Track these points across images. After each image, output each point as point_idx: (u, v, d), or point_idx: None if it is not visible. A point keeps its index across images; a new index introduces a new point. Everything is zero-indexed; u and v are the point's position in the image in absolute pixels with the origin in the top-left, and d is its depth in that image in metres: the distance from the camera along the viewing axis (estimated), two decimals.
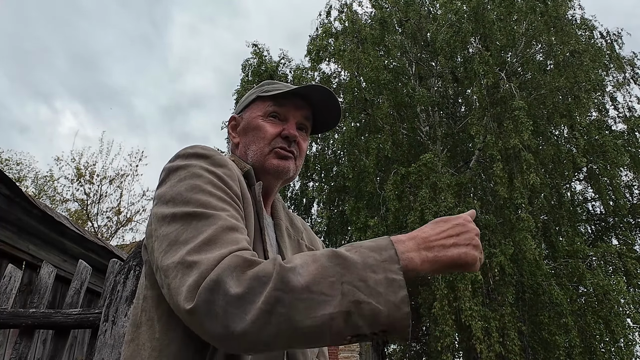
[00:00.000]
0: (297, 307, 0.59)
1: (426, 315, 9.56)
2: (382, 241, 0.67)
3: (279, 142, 0.98)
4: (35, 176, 17.20)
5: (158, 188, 0.84)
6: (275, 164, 0.97)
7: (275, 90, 1.01)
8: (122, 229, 16.81)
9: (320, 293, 0.60)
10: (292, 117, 1.00)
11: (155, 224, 0.78)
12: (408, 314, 0.62)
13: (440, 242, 0.69)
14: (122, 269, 2.06)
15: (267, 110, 1.00)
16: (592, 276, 8.32)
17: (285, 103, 1.00)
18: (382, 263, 0.64)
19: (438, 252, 0.68)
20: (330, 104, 1.02)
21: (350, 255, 0.64)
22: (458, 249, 0.69)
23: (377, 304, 0.61)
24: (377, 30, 11.75)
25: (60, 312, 2.10)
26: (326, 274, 0.62)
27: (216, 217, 0.73)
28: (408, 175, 9.44)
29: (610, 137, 9.94)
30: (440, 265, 0.68)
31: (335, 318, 0.60)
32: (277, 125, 0.99)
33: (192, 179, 0.79)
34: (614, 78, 11.99)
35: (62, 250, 3.98)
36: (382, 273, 0.63)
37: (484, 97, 9.84)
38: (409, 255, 0.66)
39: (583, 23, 12.11)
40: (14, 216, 3.40)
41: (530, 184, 8.45)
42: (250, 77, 13.11)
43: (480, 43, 10.68)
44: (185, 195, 0.76)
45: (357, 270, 0.62)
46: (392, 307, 0.61)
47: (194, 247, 0.68)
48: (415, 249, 0.67)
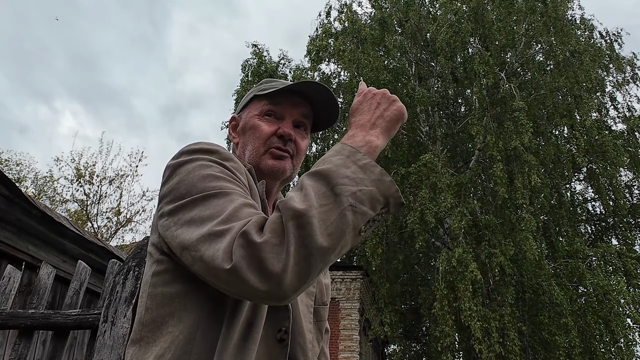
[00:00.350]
0: (313, 223, 0.65)
1: (426, 315, 9.56)
2: (337, 147, 0.77)
3: (275, 141, 0.96)
4: (35, 177, 17.21)
5: (163, 186, 0.82)
6: (271, 165, 0.95)
7: (271, 89, 0.99)
8: (122, 229, 16.82)
9: (321, 205, 0.67)
10: (288, 116, 0.99)
11: (172, 217, 0.76)
12: (392, 181, 0.72)
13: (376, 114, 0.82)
14: (122, 270, 2.06)
15: (262, 109, 0.99)
16: (592, 276, 8.32)
17: (281, 101, 0.99)
18: (347, 159, 0.73)
19: (381, 123, 0.81)
20: (329, 101, 1.00)
21: (323, 167, 0.72)
22: (389, 110, 0.82)
23: (366, 187, 0.70)
24: (377, 31, 11.76)
25: (60, 313, 2.10)
26: (316, 190, 0.69)
27: (235, 194, 0.75)
28: (408, 176, 9.44)
29: (610, 137, 9.94)
30: (390, 129, 0.81)
31: (345, 214, 0.67)
32: (273, 124, 0.97)
33: (203, 169, 0.79)
34: (613, 78, 12.00)
35: (62, 251, 3.98)
36: (353, 165, 0.72)
37: (484, 98, 9.84)
38: (366, 139, 0.77)
39: (583, 23, 12.12)
40: (13, 217, 3.39)
41: (532, 185, 8.45)
42: (250, 78, 13.12)
43: (480, 43, 10.69)
44: (199, 186, 0.76)
45: (335, 174, 0.70)
46: (377, 182, 0.71)
47: (221, 219, 0.70)
48: (366, 134, 0.79)
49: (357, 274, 10.83)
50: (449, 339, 8.04)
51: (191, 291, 0.77)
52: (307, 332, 0.90)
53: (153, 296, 0.80)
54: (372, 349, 12.82)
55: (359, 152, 0.74)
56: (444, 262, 8.23)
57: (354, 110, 0.85)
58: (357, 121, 0.82)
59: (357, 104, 0.85)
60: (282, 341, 0.82)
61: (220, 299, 0.76)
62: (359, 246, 12.00)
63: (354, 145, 0.76)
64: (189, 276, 0.76)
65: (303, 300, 0.92)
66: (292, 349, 0.85)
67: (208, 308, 0.76)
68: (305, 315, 0.91)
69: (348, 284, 10.85)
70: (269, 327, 0.81)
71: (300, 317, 0.89)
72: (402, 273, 11.68)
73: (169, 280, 0.79)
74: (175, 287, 0.78)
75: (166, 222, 0.77)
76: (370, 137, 0.78)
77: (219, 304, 0.76)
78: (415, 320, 13.05)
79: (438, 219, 9.09)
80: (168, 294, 0.78)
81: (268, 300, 0.66)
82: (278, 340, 0.81)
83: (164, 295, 0.78)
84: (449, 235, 9.62)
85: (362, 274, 10.80)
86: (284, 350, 0.82)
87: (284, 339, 0.82)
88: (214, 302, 0.76)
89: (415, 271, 12.47)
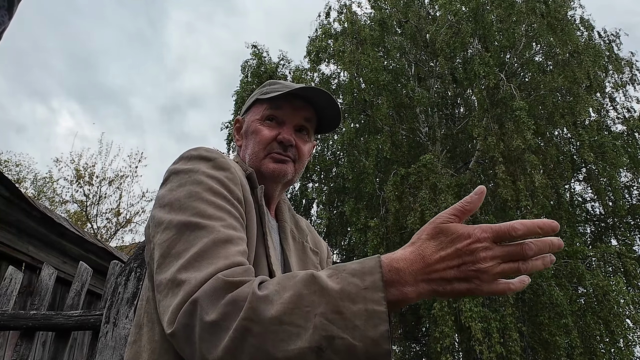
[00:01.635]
0: (267, 338, 0.56)
1: (426, 316, 9.55)
2: (368, 263, 0.60)
3: (275, 147, 0.96)
4: (34, 177, 17.19)
5: (160, 189, 0.84)
6: (272, 168, 0.95)
7: (273, 92, 0.99)
8: (122, 230, 16.80)
9: (292, 324, 0.56)
10: (289, 120, 0.99)
11: (153, 228, 0.78)
12: (388, 352, 0.55)
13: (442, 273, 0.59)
14: (123, 271, 2.06)
15: (264, 114, 0.99)
16: (591, 277, 8.32)
17: (282, 105, 0.98)
18: (363, 291, 0.56)
19: (437, 287, 0.59)
20: (330, 105, 1.00)
21: (329, 282, 0.58)
22: (460, 284, 0.59)
23: (353, 340, 0.54)
24: (377, 32, 11.76)
25: (61, 314, 2.09)
26: (300, 303, 0.57)
27: (210, 229, 0.71)
28: (408, 176, 9.44)
29: (609, 138, 9.95)
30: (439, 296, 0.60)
31: (306, 353, 0.55)
32: (273, 129, 0.98)
33: (192, 186, 0.78)
34: (612, 79, 12.02)
35: (62, 252, 3.98)
36: (361, 303, 0.55)
37: (484, 99, 9.84)
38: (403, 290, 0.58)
39: (582, 23, 12.13)
40: (13, 218, 3.39)
41: (536, 185, 8.42)
42: (249, 78, 13.11)
43: (480, 44, 10.69)
44: (182, 202, 0.76)
45: (333, 300, 0.56)
46: (370, 343, 0.54)
47: (184, 263, 0.67)
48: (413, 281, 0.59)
49: None
50: (449, 340, 8.03)
51: None
52: None
53: (150, 300, 0.81)
54: None
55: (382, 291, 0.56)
56: None
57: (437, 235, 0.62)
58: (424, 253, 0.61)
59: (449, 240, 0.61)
60: None
61: None
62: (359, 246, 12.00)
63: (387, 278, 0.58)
64: None
65: None
66: None
67: None
68: None
69: None
70: None
71: None
72: None
73: None
74: None
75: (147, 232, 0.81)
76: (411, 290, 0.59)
77: None
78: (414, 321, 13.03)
79: None
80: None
81: None
82: None
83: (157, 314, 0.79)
84: None
85: None
86: None
87: None
88: None
89: None
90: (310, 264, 1.00)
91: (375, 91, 11.17)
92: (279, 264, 0.90)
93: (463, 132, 11.71)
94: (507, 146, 9.32)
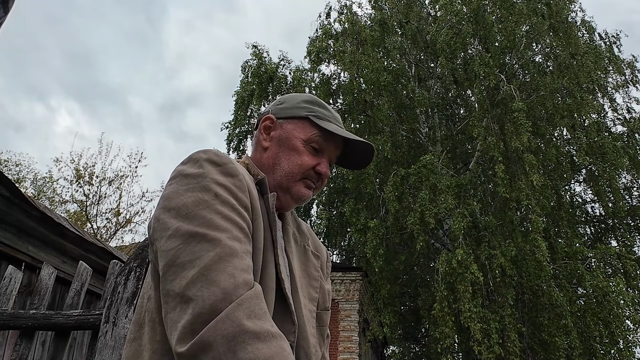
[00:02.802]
0: None
1: (426, 316, 9.55)
2: None
3: (312, 175, 0.98)
4: (34, 177, 17.19)
5: (166, 187, 0.83)
6: (303, 193, 0.97)
7: (326, 119, 1.00)
8: (122, 230, 16.80)
9: None
10: (327, 154, 1.01)
11: (158, 231, 0.78)
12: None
13: None
14: (123, 271, 2.06)
15: (311, 138, 0.99)
16: (591, 278, 8.32)
17: (329, 139, 1.00)
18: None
19: None
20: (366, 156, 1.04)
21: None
22: None
23: None
24: (377, 32, 11.76)
25: (61, 314, 2.10)
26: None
27: (216, 242, 0.73)
28: (408, 177, 9.44)
29: (609, 139, 9.95)
30: None
31: None
32: (314, 158, 0.98)
33: (200, 192, 0.79)
34: (613, 80, 12.02)
35: (62, 252, 3.97)
36: None
37: (484, 99, 9.84)
38: None
39: (584, 25, 12.14)
40: (13, 217, 3.39)
41: (539, 185, 8.42)
42: (249, 79, 13.11)
43: (481, 45, 10.70)
44: (190, 210, 0.76)
45: None
46: None
47: (191, 278, 0.70)
48: None
49: (357, 275, 10.83)
50: (449, 340, 8.03)
51: None
52: (310, 336, 0.90)
53: (152, 298, 0.81)
54: (372, 350, 12.81)
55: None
56: (444, 263, 8.23)
57: None
58: None
59: None
60: None
61: None
62: (359, 247, 11.99)
63: None
64: None
65: (306, 306, 0.93)
66: (297, 354, 0.86)
67: None
68: (308, 320, 0.92)
69: (347, 285, 10.85)
70: None
71: (304, 322, 0.89)
72: (402, 274, 11.69)
73: None
74: None
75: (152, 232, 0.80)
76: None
77: None
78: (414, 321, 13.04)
79: (438, 220, 9.09)
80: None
81: None
82: None
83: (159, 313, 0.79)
84: (449, 236, 9.62)
85: (361, 275, 10.81)
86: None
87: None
88: None
89: (414, 272, 12.47)
90: (311, 267, 1.00)
91: (376, 92, 11.18)
92: (286, 271, 0.91)
93: (463, 133, 11.72)
94: (507, 146, 9.32)
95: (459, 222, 8.46)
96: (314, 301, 0.97)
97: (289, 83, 12.97)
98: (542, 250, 7.95)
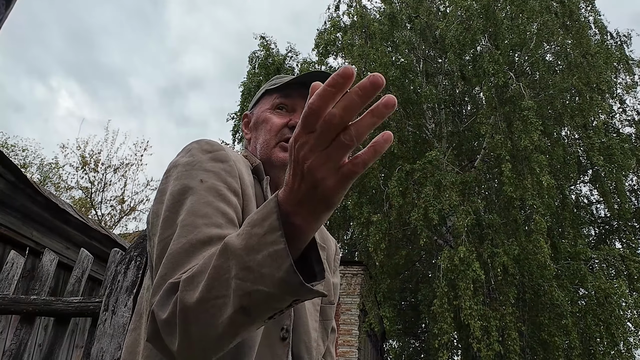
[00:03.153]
0: (200, 320, 0.57)
1: (425, 312, 9.57)
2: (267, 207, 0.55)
3: (286, 132, 0.96)
4: (40, 163, 17.31)
5: (161, 180, 0.85)
6: (282, 157, 0.94)
7: (281, 83, 1.00)
8: (126, 217, 16.92)
9: (217, 297, 0.56)
10: (299, 108, 0.98)
11: (150, 221, 0.81)
12: (301, 282, 0.51)
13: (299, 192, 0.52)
14: (124, 259, 2.07)
15: (274, 103, 0.99)
16: (593, 279, 8.30)
17: (292, 94, 0.99)
18: (263, 238, 0.53)
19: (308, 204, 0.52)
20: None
21: (236, 242, 0.56)
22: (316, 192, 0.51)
23: (267, 288, 0.53)
24: (386, 26, 11.68)
25: (61, 300, 2.11)
26: (218, 274, 0.57)
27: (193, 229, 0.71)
28: (412, 172, 9.42)
29: (617, 140, 9.86)
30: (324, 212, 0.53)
31: (236, 318, 0.55)
32: (284, 117, 0.97)
33: (187, 179, 0.79)
34: (622, 80, 11.89)
35: (66, 238, 4.00)
36: (264, 250, 0.53)
37: (492, 96, 9.77)
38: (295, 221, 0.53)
39: (596, 23, 11.99)
40: (18, 202, 3.41)
41: (543, 186, 8.37)
42: (257, 70, 13.09)
43: (490, 41, 10.60)
44: (175, 198, 0.77)
45: (240, 258, 0.55)
46: (282, 283, 0.52)
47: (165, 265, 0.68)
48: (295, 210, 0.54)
49: (358, 270, 10.85)
50: (448, 337, 8.05)
51: None
52: (312, 330, 0.89)
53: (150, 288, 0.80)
54: (371, 345, 12.87)
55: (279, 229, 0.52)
56: (446, 260, 8.23)
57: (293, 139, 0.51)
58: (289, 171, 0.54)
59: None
60: (284, 340, 0.82)
61: None
62: (361, 241, 11.99)
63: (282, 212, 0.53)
64: None
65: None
66: (297, 347, 0.85)
67: None
68: (311, 313, 0.91)
69: (349, 279, 10.87)
70: (271, 325, 0.81)
71: (306, 316, 0.89)
72: (403, 269, 11.70)
73: None
74: None
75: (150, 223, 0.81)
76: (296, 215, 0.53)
77: None
78: (414, 317, 13.07)
79: (441, 217, 9.08)
80: None
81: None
82: (281, 339, 0.81)
83: None
84: (452, 233, 9.60)
85: (363, 269, 10.82)
86: (286, 348, 0.81)
87: (286, 337, 0.82)
88: None
89: (416, 268, 12.48)
90: None
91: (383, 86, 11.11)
92: None
93: (470, 130, 11.64)
94: (514, 145, 9.26)
95: (463, 219, 8.44)
96: None
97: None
98: (544, 251, 7.93)
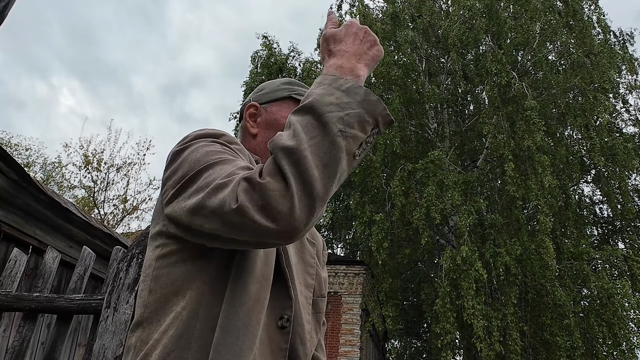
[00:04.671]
0: (306, 157, 0.65)
1: (427, 312, 9.57)
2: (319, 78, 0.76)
3: None
4: (44, 162, 17.38)
5: (167, 169, 0.82)
6: None
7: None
8: (128, 217, 16.96)
9: (311, 138, 0.67)
10: None
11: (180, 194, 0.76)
12: (378, 100, 0.72)
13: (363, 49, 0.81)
14: (125, 257, 2.08)
15: None
16: (596, 279, 8.28)
17: None
18: (329, 87, 0.73)
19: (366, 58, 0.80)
20: None
21: (307, 101, 0.72)
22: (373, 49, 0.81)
23: (352, 110, 0.70)
24: (389, 25, 11.67)
25: (64, 297, 2.13)
26: (303, 124, 0.69)
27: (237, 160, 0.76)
28: (415, 172, 9.41)
29: (620, 140, 9.83)
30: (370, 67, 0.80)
31: (336, 141, 0.67)
32: None
33: (205, 147, 0.79)
34: (626, 80, 11.85)
35: (69, 236, 4.02)
36: (336, 91, 0.72)
37: (495, 96, 9.76)
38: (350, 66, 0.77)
39: (599, 23, 11.96)
40: (21, 201, 3.43)
41: (547, 186, 8.35)
42: (259, 69, 13.09)
43: (493, 41, 10.58)
44: (202, 160, 0.76)
45: (319, 104, 0.70)
46: (364, 103, 0.71)
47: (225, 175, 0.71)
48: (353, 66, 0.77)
49: (360, 269, 10.86)
50: (450, 336, 8.04)
51: (195, 271, 0.78)
52: (306, 323, 0.91)
53: (157, 278, 0.81)
54: (373, 344, 12.87)
55: (340, 78, 0.74)
56: (448, 259, 8.22)
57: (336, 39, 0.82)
58: (340, 50, 0.80)
59: (341, 34, 0.82)
60: (283, 328, 0.83)
61: (223, 278, 0.77)
62: (363, 240, 12.00)
63: (337, 73, 0.76)
64: (194, 256, 0.78)
65: (302, 292, 0.93)
66: (292, 338, 0.86)
67: (211, 287, 0.77)
68: (304, 306, 0.92)
69: (351, 278, 10.88)
70: (271, 314, 0.82)
71: (299, 308, 0.90)
72: (405, 269, 11.69)
73: (173, 262, 0.80)
74: (180, 268, 0.79)
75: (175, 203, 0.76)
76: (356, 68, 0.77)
77: (222, 283, 0.77)
78: (416, 316, 13.07)
79: (444, 217, 9.07)
80: (172, 275, 0.79)
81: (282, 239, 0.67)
82: (280, 328, 0.82)
83: (169, 276, 0.79)
84: (454, 233, 9.60)
85: (365, 269, 10.83)
86: (286, 337, 0.82)
87: (285, 326, 0.83)
88: (217, 282, 0.78)
89: (418, 268, 12.47)
90: (307, 254, 1.00)
91: (386, 86, 11.11)
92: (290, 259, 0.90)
93: (472, 130, 11.63)
94: (517, 145, 9.24)
95: (465, 219, 8.44)
96: (310, 288, 0.97)
97: (298, 74, 12.94)
98: (549, 251, 7.91)
